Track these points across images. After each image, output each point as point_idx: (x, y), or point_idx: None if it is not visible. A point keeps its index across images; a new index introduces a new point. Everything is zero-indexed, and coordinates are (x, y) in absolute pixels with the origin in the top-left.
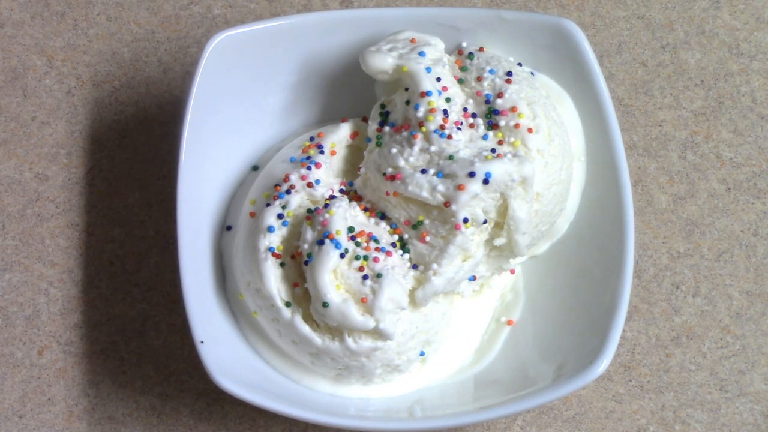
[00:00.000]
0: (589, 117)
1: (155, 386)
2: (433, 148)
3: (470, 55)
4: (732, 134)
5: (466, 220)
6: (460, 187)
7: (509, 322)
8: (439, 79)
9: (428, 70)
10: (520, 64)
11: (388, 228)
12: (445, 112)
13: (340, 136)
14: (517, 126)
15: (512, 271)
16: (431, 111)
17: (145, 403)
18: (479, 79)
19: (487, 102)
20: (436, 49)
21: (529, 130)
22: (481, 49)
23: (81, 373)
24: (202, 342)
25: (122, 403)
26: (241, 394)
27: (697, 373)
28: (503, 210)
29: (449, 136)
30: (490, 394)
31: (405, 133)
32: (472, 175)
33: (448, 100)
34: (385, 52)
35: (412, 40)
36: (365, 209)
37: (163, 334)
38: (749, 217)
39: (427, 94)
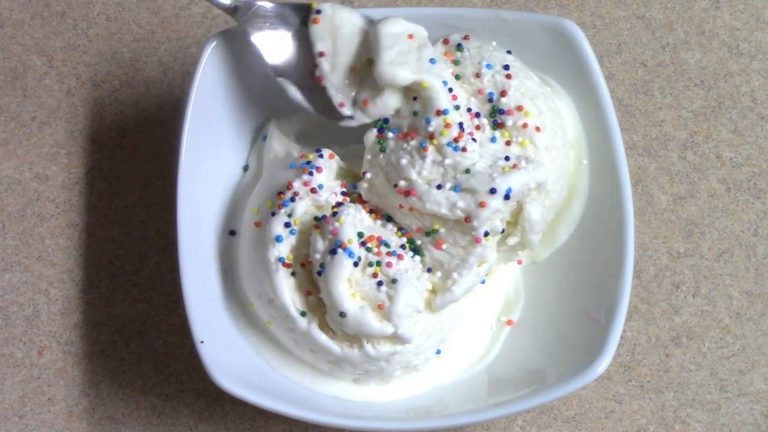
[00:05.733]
0: (589, 117)
1: (155, 386)
2: (447, 162)
3: (459, 47)
4: (732, 134)
5: (486, 234)
6: (481, 204)
7: (509, 322)
8: (450, 90)
9: (444, 83)
10: (509, 52)
11: (395, 230)
12: (460, 125)
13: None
14: (524, 126)
15: (519, 261)
16: (446, 126)
17: (145, 403)
18: (477, 75)
19: (490, 100)
20: (435, 49)
21: (537, 129)
22: (466, 37)
23: (81, 373)
24: (202, 342)
25: (122, 403)
26: (241, 394)
27: (697, 373)
28: (517, 211)
29: (463, 149)
30: (491, 394)
31: (413, 142)
32: (493, 191)
33: (457, 108)
34: (400, 64)
35: (410, 36)
36: (370, 211)
37: (163, 334)
38: (749, 217)
39: (444, 112)
